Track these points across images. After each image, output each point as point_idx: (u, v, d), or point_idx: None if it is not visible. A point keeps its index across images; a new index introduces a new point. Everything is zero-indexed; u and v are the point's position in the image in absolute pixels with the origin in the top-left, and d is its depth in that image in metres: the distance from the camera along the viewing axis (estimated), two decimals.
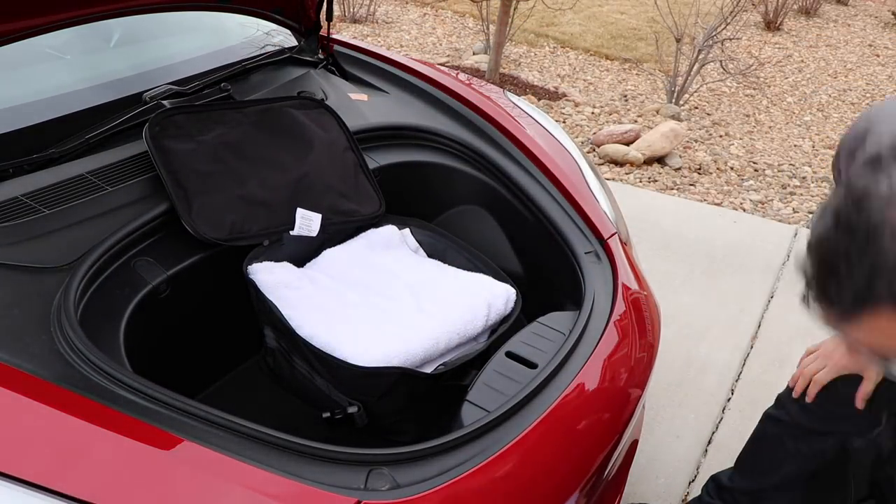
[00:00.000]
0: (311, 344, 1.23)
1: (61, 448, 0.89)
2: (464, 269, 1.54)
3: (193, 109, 1.47)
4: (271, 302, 1.28)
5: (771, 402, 1.55)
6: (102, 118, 1.45)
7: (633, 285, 1.52)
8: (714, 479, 1.68)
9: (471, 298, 1.41)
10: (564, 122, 4.40)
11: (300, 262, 1.48)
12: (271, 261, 1.39)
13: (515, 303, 1.44)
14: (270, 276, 1.33)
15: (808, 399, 1.38)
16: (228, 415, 0.96)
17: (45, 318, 1.06)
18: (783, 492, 1.55)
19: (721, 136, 4.43)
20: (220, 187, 1.39)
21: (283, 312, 1.27)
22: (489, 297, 1.41)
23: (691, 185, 3.75)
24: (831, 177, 1.05)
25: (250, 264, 1.35)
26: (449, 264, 1.55)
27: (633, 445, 1.58)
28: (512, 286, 1.48)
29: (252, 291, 1.33)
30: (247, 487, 0.90)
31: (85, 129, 1.41)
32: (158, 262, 1.25)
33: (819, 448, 1.47)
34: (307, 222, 1.47)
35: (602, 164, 3.90)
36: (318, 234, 1.49)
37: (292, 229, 1.45)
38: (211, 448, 0.92)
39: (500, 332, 1.38)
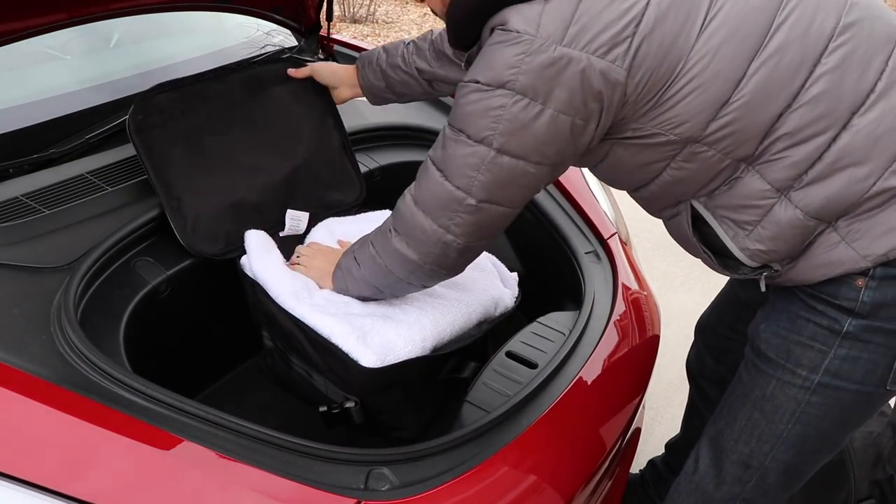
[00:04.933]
0: (317, 333, 1.19)
1: (61, 448, 0.89)
2: None
3: (172, 86, 1.39)
4: (277, 304, 1.25)
5: None
6: (102, 118, 1.45)
7: (633, 285, 1.52)
8: None
9: (482, 282, 1.37)
10: None
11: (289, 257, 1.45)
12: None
13: (516, 298, 1.43)
14: (271, 275, 1.30)
15: None
16: (228, 415, 0.96)
17: (45, 318, 1.06)
18: None
19: None
20: (213, 195, 1.36)
21: (289, 310, 1.23)
22: (498, 289, 1.38)
23: None
24: None
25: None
26: None
27: (635, 440, 1.58)
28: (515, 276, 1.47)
29: (248, 291, 1.33)
30: (247, 487, 0.90)
31: (85, 130, 1.41)
32: (158, 262, 1.25)
33: None
34: (296, 223, 1.47)
35: None
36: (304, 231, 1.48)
37: (282, 230, 1.45)
38: (211, 448, 0.92)
39: (497, 321, 1.36)
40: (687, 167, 1.04)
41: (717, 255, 1.13)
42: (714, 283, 1.18)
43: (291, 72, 1.54)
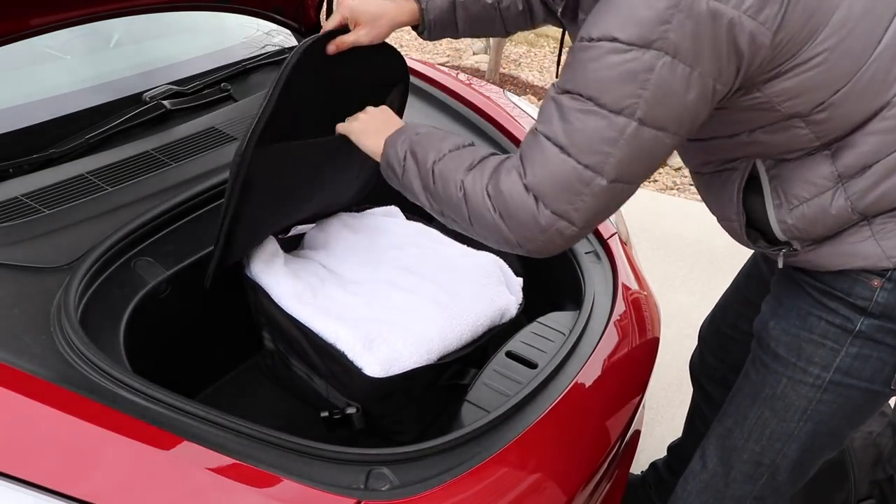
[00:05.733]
0: (321, 338, 1.18)
1: (60, 448, 0.89)
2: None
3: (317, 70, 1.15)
4: (279, 307, 1.25)
5: None
6: (102, 118, 1.45)
7: (633, 285, 1.52)
8: None
9: (490, 292, 1.36)
10: None
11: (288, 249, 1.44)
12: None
13: (520, 304, 1.43)
14: (276, 283, 1.28)
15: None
16: (228, 415, 0.96)
17: (45, 318, 1.05)
18: None
19: None
20: (259, 235, 1.33)
21: (292, 313, 1.23)
22: (505, 298, 1.37)
23: (691, 184, 3.75)
24: None
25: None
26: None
27: (634, 441, 1.58)
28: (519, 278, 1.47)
29: (249, 292, 1.32)
30: (247, 487, 0.90)
31: (85, 129, 1.41)
32: (158, 262, 1.25)
33: None
34: (297, 229, 1.48)
35: None
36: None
37: (283, 234, 1.46)
38: (211, 448, 0.92)
39: (500, 328, 1.37)
40: (774, 136, 0.99)
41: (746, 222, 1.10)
42: (715, 283, 1.17)
43: (331, 49, 1.17)
